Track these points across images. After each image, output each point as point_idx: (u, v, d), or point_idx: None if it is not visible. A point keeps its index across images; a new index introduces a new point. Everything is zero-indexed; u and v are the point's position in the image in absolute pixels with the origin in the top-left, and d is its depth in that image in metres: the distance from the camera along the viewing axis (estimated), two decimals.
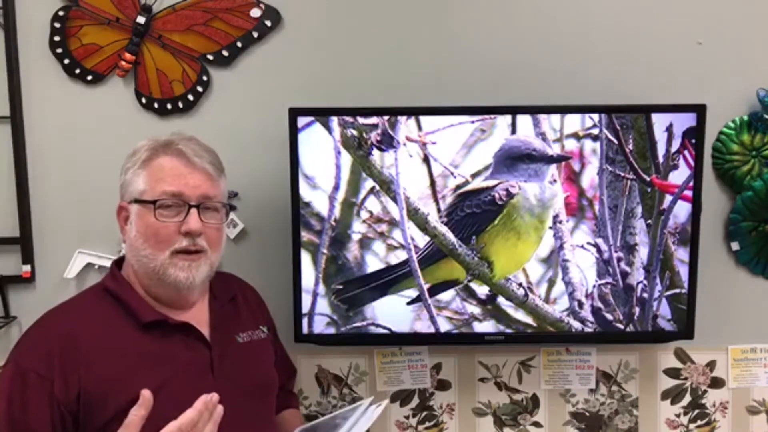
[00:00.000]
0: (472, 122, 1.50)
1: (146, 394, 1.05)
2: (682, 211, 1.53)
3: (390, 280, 1.55)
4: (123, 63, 1.60)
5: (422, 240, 1.53)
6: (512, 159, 1.50)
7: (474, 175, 1.51)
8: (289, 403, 1.53)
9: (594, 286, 1.55)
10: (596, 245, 1.54)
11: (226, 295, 1.36)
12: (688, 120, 1.50)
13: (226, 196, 1.29)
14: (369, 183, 1.51)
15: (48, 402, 1.12)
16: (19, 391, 1.12)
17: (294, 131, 1.50)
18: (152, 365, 1.18)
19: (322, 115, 1.50)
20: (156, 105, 1.62)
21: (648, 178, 1.51)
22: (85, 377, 1.13)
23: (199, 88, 1.62)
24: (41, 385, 1.12)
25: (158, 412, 1.07)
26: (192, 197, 1.20)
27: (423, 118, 1.50)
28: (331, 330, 1.57)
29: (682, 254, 1.54)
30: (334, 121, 1.49)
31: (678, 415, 1.74)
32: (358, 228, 1.53)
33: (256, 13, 1.60)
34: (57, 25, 1.59)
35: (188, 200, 1.19)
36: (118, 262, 1.30)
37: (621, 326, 1.56)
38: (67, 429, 1.13)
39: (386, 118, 1.49)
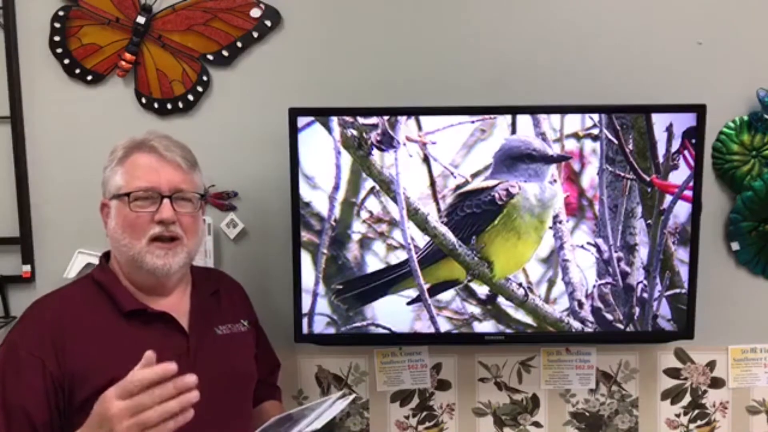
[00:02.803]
0: (472, 122, 1.50)
1: (149, 354, 1.05)
2: (682, 211, 1.53)
3: (390, 280, 1.55)
4: (123, 63, 1.60)
5: (422, 240, 1.53)
6: (512, 159, 1.50)
7: (474, 175, 1.51)
8: (271, 396, 1.55)
9: (594, 286, 1.55)
10: (596, 245, 1.54)
11: (208, 289, 1.40)
12: (688, 120, 1.50)
13: (200, 188, 1.33)
14: (369, 183, 1.51)
15: (41, 379, 1.18)
16: (12, 370, 1.19)
17: (294, 131, 1.50)
18: (130, 351, 1.19)
19: (322, 115, 1.50)
20: (156, 105, 1.62)
21: (648, 178, 1.51)
22: (69, 359, 1.20)
23: (199, 88, 1.62)
24: (33, 363, 1.19)
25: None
26: (165, 189, 1.26)
27: (423, 118, 1.50)
28: (331, 330, 1.57)
29: (682, 254, 1.54)
30: (334, 121, 1.49)
31: (678, 415, 1.74)
32: (358, 228, 1.53)
33: (256, 13, 1.60)
34: (57, 25, 1.59)
35: (161, 192, 1.25)
36: (107, 255, 1.36)
37: (621, 326, 1.56)
38: (59, 405, 1.19)
39: (386, 118, 1.49)
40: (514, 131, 1.50)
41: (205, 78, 1.62)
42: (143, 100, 1.62)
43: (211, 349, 1.32)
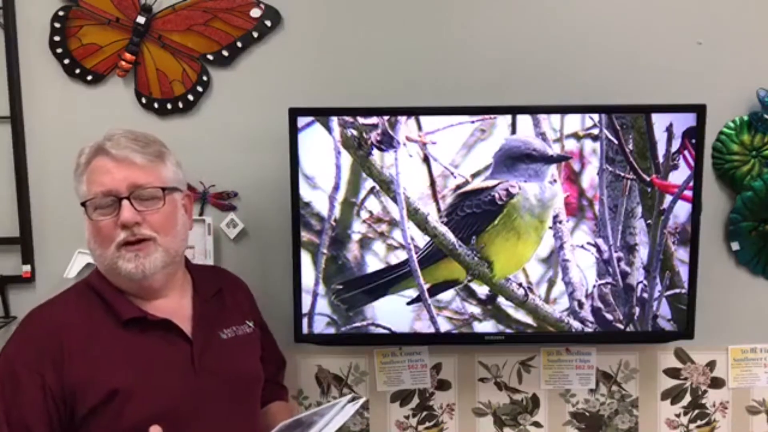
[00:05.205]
0: (472, 122, 1.50)
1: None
2: (682, 211, 1.53)
3: (390, 280, 1.55)
4: (123, 63, 1.60)
5: (422, 240, 1.53)
6: (512, 159, 1.50)
7: (474, 175, 1.51)
8: (278, 396, 1.53)
9: (594, 286, 1.55)
10: (596, 245, 1.54)
11: (209, 290, 1.36)
12: (688, 120, 1.50)
13: (168, 181, 1.26)
14: (369, 183, 1.51)
15: (41, 394, 1.16)
16: (11, 386, 1.17)
17: (294, 131, 1.50)
18: (131, 361, 1.21)
19: (322, 115, 1.50)
20: (156, 105, 1.62)
21: (648, 178, 1.51)
22: (68, 372, 1.17)
23: (199, 88, 1.62)
24: (32, 378, 1.16)
25: (137, 407, 1.17)
26: (121, 190, 1.20)
27: (423, 118, 1.50)
28: (331, 330, 1.57)
29: (682, 254, 1.54)
30: (334, 121, 1.49)
31: (678, 415, 1.74)
32: (358, 228, 1.53)
33: (256, 13, 1.60)
34: (57, 25, 1.59)
35: (118, 194, 1.20)
36: None
37: (621, 326, 1.56)
38: (61, 419, 1.18)
39: (386, 118, 1.49)
40: (514, 131, 1.50)
41: (205, 78, 1.62)
42: (143, 100, 1.62)
43: (216, 355, 1.28)
